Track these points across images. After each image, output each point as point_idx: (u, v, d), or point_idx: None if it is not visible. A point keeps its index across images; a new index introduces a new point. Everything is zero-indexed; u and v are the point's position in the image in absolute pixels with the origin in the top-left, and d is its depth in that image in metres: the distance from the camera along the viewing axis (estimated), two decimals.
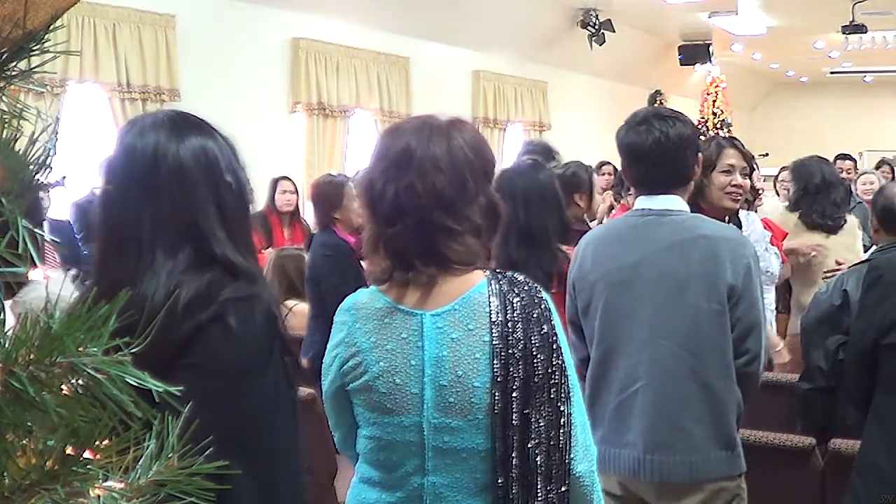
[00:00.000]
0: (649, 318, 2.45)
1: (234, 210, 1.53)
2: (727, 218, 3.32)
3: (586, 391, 2.47)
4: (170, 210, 1.47)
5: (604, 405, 2.49)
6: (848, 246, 4.68)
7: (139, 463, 0.80)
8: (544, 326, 1.66)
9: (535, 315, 1.66)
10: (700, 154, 2.59)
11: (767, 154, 13.07)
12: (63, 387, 0.74)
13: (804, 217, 4.76)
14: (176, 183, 1.48)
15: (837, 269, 4.00)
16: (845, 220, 4.75)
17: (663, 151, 2.49)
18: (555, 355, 1.65)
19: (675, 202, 2.53)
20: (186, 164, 1.49)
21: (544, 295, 1.71)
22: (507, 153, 10.88)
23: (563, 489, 1.66)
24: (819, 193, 4.76)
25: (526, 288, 1.69)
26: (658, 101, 14.72)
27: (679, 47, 14.02)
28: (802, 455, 3.10)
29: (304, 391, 3.32)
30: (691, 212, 3.12)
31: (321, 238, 4.42)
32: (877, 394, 2.52)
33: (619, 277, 2.51)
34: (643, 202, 2.56)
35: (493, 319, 1.64)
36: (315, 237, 4.68)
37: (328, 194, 4.38)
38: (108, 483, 0.78)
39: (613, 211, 5.26)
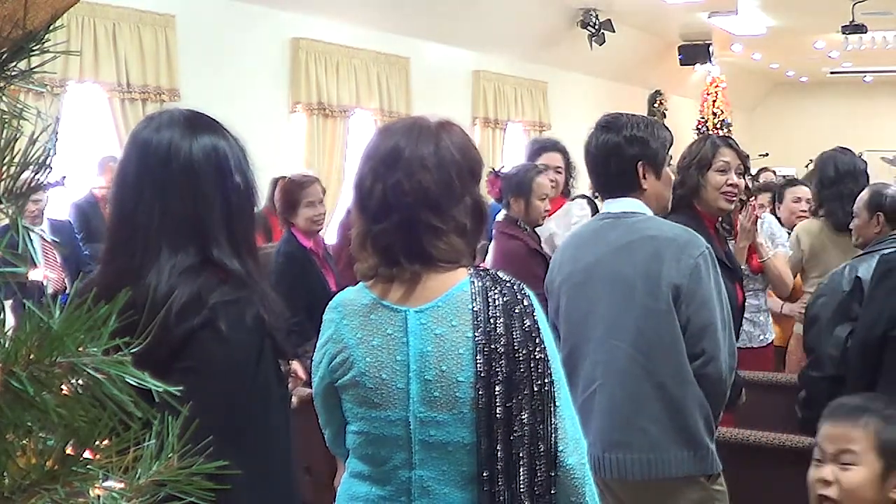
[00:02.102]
0: (603, 319, 2.49)
1: (239, 209, 1.58)
2: (720, 220, 3.31)
3: None
4: (178, 204, 1.52)
5: None
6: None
7: (139, 463, 0.80)
8: (526, 321, 1.68)
9: (517, 311, 1.68)
10: (643, 162, 2.56)
11: (767, 154, 13.07)
12: (63, 387, 0.74)
13: (830, 218, 4.34)
14: (186, 178, 1.53)
15: None
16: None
17: (592, 160, 2.62)
18: (537, 349, 1.67)
19: (633, 205, 2.57)
20: (197, 161, 1.53)
21: (528, 292, 1.73)
22: (507, 153, 10.88)
23: (548, 481, 1.68)
24: (834, 186, 4.37)
25: (508, 285, 1.72)
26: (658, 102, 14.74)
27: (679, 47, 14.01)
28: (802, 455, 3.10)
29: (304, 391, 3.32)
30: (687, 213, 3.11)
31: (279, 245, 4.20)
32: (879, 387, 2.51)
33: (578, 279, 2.57)
34: (605, 206, 2.66)
35: (475, 315, 1.67)
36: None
37: (281, 196, 4.14)
38: (108, 483, 0.78)
39: None
